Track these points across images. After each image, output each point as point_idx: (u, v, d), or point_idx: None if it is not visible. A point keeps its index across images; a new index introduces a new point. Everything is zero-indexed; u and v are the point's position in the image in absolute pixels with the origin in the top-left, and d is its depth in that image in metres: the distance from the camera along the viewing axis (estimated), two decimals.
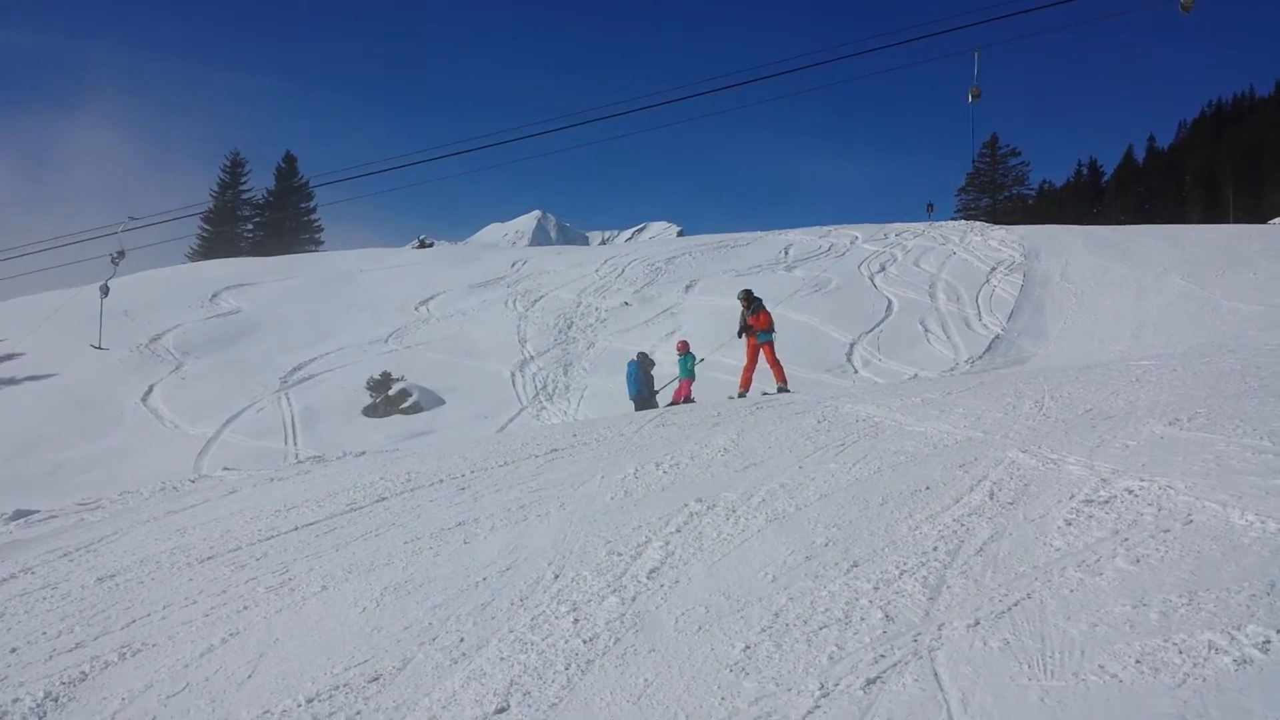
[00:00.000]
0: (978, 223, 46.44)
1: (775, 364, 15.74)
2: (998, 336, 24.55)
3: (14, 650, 5.33)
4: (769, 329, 15.87)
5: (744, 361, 16.27)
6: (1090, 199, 78.29)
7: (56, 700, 4.55)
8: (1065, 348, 22.91)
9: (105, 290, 27.48)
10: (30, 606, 6.19)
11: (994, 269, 31.40)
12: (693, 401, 16.27)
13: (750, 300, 16.14)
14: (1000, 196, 76.39)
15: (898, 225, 41.98)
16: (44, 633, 5.60)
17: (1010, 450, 7.07)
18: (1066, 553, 4.78)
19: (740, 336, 16.37)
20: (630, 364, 18.57)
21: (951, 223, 45.93)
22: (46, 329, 30.29)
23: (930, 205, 51.00)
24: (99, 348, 27.20)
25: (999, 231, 38.74)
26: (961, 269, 31.88)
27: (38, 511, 10.53)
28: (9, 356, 28.35)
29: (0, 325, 31.29)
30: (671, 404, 16.38)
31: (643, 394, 18.10)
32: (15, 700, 4.55)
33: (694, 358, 17.67)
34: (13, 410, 23.92)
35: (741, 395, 15.49)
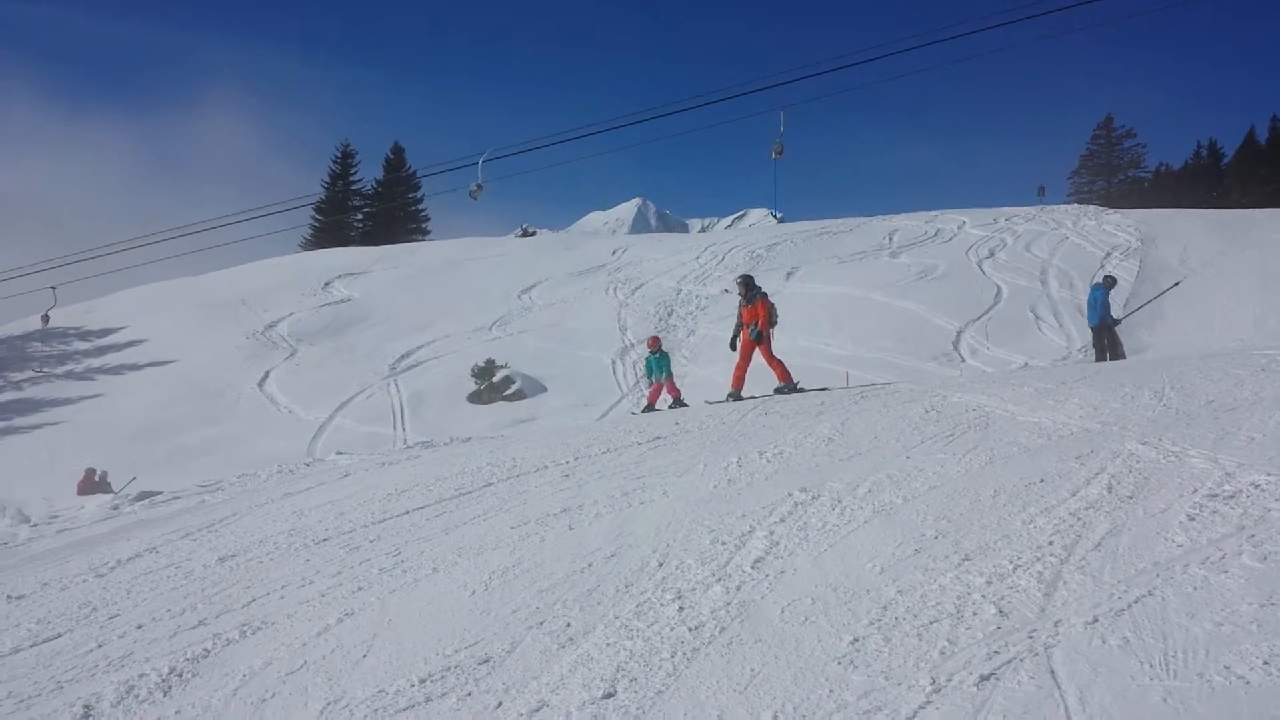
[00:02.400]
0: (1091, 206, 45.03)
1: (774, 362, 13.67)
2: None
3: (140, 627, 5.58)
4: (760, 324, 13.57)
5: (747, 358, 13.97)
6: (1210, 182, 74.96)
7: (181, 675, 4.74)
8: (1184, 336, 22.08)
9: (45, 320, 28.57)
10: (155, 584, 6.47)
11: (1109, 254, 30.41)
12: (684, 405, 14.58)
13: (749, 288, 13.89)
14: (1115, 179, 73.80)
15: (1007, 209, 40.99)
16: (168, 610, 5.84)
17: (1129, 442, 6.84)
18: (1189, 549, 4.61)
19: (733, 345, 14.19)
20: (1094, 289, 16.89)
21: (1064, 207, 44.59)
22: (166, 317, 31.55)
23: (1041, 189, 49.43)
24: (39, 372, 27.95)
25: (1114, 216, 37.49)
26: (1074, 254, 30.95)
27: (161, 493, 11.02)
28: (132, 343, 29.66)
29: (123, 313, 32.69)
30: (647, 408, 15.24)
31: (1105, 322, 16.22)
32: (142, 675, 4.76)
33: (668, 358, 15.65)
34: (136, 395, 25.04)
35: (732, 396, 13.62)
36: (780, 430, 9.14)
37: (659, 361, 15.47)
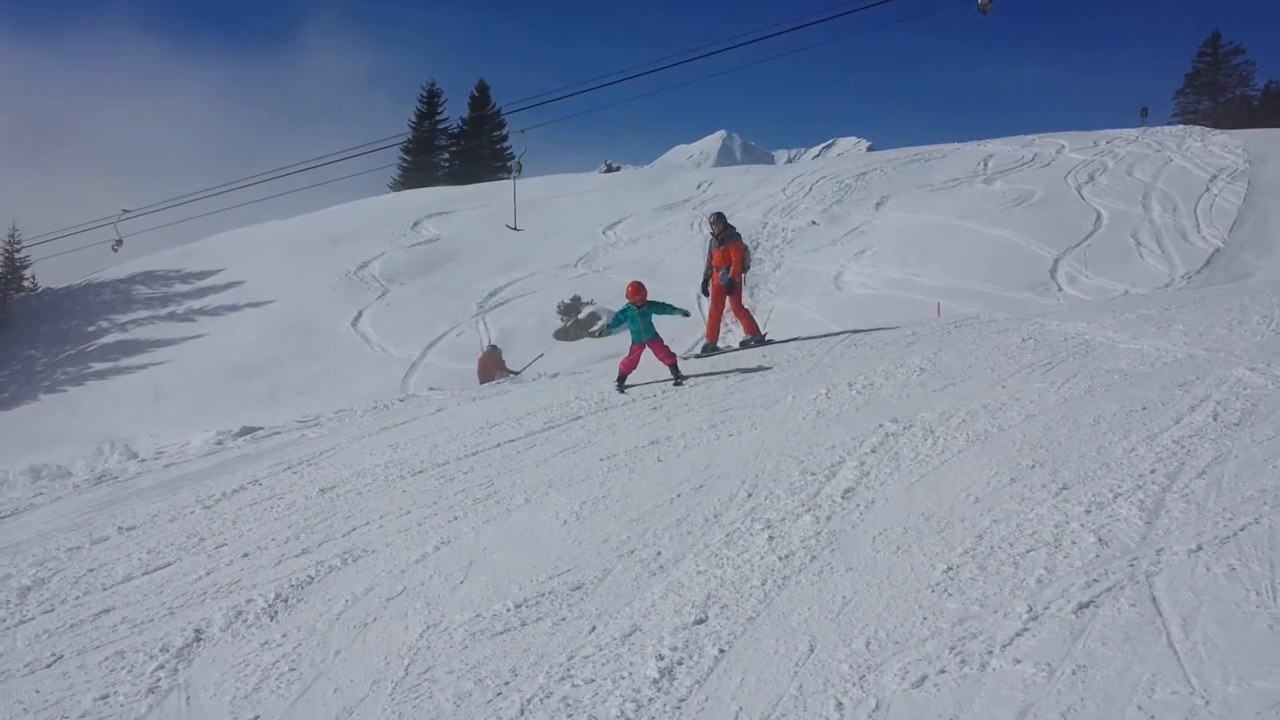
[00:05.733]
0: (1197, 127, 43.05)
1: (742, 312, 12.29)
2: (1218, 249, 22.86)
3: (246, 555, 5.79)
4: (732, 270, 12.00)
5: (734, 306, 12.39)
6: None
7: (286, 601, 4.91)
8: None
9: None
10: (260, 515, 6.69)
11: (1214, 177, 29.12)
12: (680, 382, 9.71)
13: (725, 227, 12.29)
14: (1222, 99, 70.29)
15: (1108, 132, 39.44)
16: (273, 539, 6.05)
17: (1236, 368, 6.60)
18: None
19: (705, 289, 12.72)
20: None
21: (1168, 128, 42.73)
22: (262, 259, 32.29)
23: (1144, 110, 47.37)
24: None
25: (1220, 136, 35.82)
26: (1179, 177, 29.70)
27: (262, 428, 11.34)
28: (230, 285, 30.46)
29: (220, 255, 33.56)
30: (620, 378, 9.86)
31: None
32: (249, 601, 4.95)
33: (651, 312, 10.41)
34: (236, 335, 25.77)
35: (709, 349, 12.31)
36: (870, 362, 9.02)
37: (644, 316, 10.35)
